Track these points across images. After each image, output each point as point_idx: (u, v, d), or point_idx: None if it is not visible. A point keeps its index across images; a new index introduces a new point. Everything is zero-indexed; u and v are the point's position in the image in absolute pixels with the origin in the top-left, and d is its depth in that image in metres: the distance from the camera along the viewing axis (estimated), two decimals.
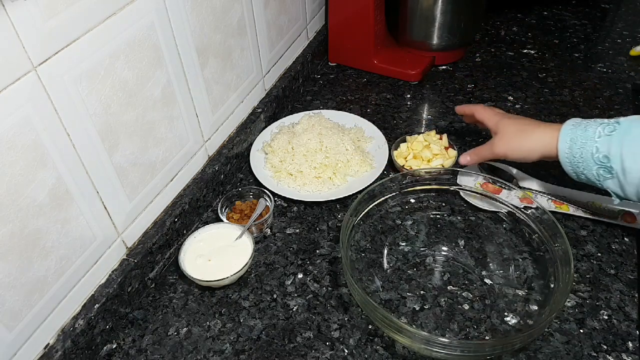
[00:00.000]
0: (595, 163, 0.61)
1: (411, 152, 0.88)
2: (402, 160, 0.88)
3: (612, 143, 0.59)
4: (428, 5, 1.05)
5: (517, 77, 1.10)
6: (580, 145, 0.62)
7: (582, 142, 0.62)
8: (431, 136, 0.90)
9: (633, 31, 1.21)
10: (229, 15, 0.80)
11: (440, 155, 0.86)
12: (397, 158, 0.88)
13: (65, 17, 0.52)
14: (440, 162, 0.86)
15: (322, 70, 1.17)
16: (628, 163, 0.58)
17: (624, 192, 0.61)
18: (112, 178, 0.64)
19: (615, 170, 0.60)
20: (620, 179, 0.60)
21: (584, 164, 0.62)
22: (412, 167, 0.86)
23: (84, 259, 0.62)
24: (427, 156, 0.86)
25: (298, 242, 0.78)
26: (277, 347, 0.65)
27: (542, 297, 0.66)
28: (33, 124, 0.51)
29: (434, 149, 0.86)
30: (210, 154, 0.85)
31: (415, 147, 0.88)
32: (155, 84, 0.67)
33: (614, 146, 0.59)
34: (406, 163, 0.87)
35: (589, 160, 0.62)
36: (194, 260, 0.71)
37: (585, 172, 0.63)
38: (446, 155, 0.87)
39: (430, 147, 0.87)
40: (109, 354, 0.66)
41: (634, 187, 0.60)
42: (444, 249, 0.75)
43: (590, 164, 0.62)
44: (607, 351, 0.62)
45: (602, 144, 0.60)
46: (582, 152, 0.62)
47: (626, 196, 0.62)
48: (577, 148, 0.62)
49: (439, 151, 0.86)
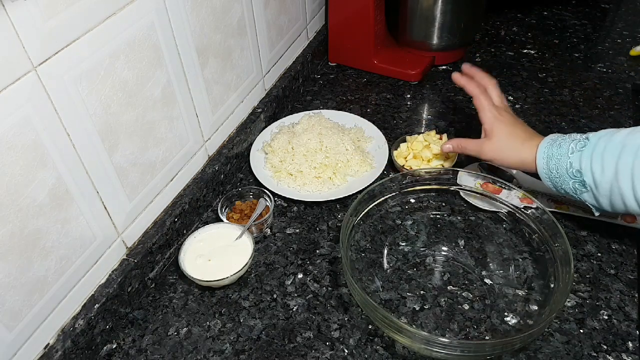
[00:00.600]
0: (571, 177, 0.64)
1: (411, 152, 0.88)
2: (402, 160, 0.88)
3: (583, 158, 0.63)
4: (428, 5, 1.05)
5: (517, 77, 1.10)
6: (556, 161, 0.65)
7: (558, 158, 0.65)
8: (431, 136, 0.90)
9: (633, 31, 1.21)
10: (229, 15, 0.80)
11: (440, 155, 0.86)
12: (397, 158, 0.88)
13: (65, 17, 0.52)
14: (439, 162, 0.86)
15: (322, 70, 1.17)
16: (597, 176, 0.61)
17: (599, 203, 0.64)
18: (112, 178, 0.64)
19: (588, 184, 0.63)
20: (594, 192, 0.63)
21: (560, 178, 0.65)
22: (412, 167, 0.86)
23: (84, 259, 0.62)
24: (427, 156, 0.86)
25: (298, 242, 0.78)
26: (277, 347, 0.65)
27: (542, 297, 0.66)
28: (33, 124, 0.51)
29: (433, 149, 0.86)
30: (210, 154, 0.85)
31: (415, 147, 0.88)
32: (155, 84, 0.67)
33: (585, 161, 0.62)
34: (406, 163, 0.87)
35: (565, 175, 0.65)
36: (194, 260, 0.71)
37: (564, 187, 0.66)
38: (447, 155, 0.87)
39: (430, 147, 0.87)
40: (109, 354, 0.66)
41: (607, 198, 0.62)
42: (444, 249, 0.75)
43: (566, 178, 0.65)
44: (607, 351, 0.62)
45: (574, 159, 0.63)
46: (557, 167, 0.65)
47: (602, 207, 0.65)
48: (553, 164, 0.65)
49: (438, 151, 0.86)
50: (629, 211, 0.62)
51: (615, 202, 0.62)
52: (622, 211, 0.63)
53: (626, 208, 0.61)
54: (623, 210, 0.63)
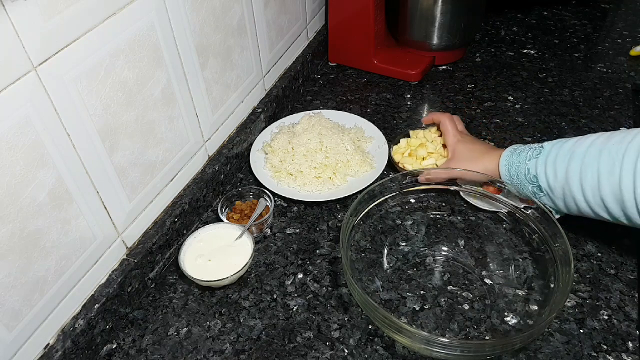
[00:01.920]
0: (529, 182, 0.69)
1: (409, 148, 0.88)
2: (399, 157, 0.88)
3: (538, 164, 0.68)
4: (428, 5, 1.05)
5: (517, 77, 1.10)
6: (516, 167, 0.70)
7: (517, 165, 0.70)
8: (431, 133, 0.88)
9: (633, 31, 1.21)
10: (229, 15, 0.80)
11: (435, 153, 0.85)
12: (395, 154, 0.88)
13: (65, 17, 0.52)
14: (432, 161, 0.84)
15: (322, 70, 1.17)
16: (551, 181, 0.66)
17: (556, 206, 0.68)
18: (112, 178, 0.64)
19: (544, 188, 0.68)
20: (550, 195, 0.68)
21: (521, 184, 0.70)
22: (404, 166, 0.85)
23: (84, 259, 0.62)
24: (421, 154, 0.86)
25: (298, 242, 0.78)
26: (277, 347, 0.65)
27: (542, 297, 0.66)
28: (33, 124, 0.51)
29: (429, 147, 0.86)
30: (210, 154, 0.85)
31: (413, 143, 0.88)
32: (155, 83, 0.67)
33: (539, 167, 0.67)
34: (401, 160, 0.87)
35: (524, 180, 0.70)
36: (194, 260, 0.71)
37: (525, 191, 0.70)
38: (443, 153, 0.85)
39: (425, 146, 0.86)
40: (109, 354, 0.66)
41: (562, 201, 0.67)
42: (444, 249, 0.75)
43: (525, 183, 0.70)
44: (607, 351, 0.62)
45: (531, 165, 0.68)
46: (517, 173, 0.70)
47: (559, 210, 0.69)
48: (514, 170, 0.70)
49: (434, 150, 0.85)
50: (582, 213, 0.66)
51: (569, 204, 0.66)
52: (576, 213, 0.67)
53: (579, 210, 0.65)
54: (577, 212, 0.66)
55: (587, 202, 0.63)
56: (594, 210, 0.64)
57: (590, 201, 0.63)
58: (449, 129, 0.82)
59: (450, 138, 0.81)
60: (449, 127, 0.82)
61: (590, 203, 0.63)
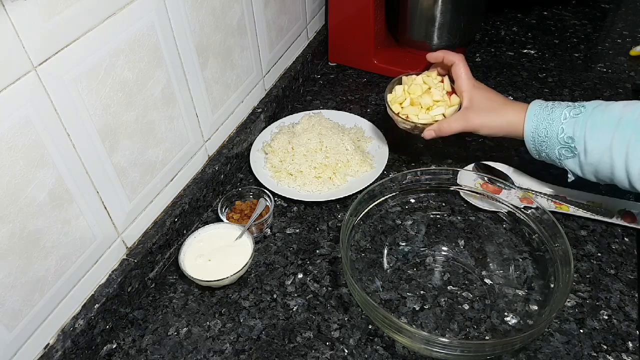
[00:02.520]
0: (559, 143, 0.65)
1: (408, 97, 0.77)
2: (398, 107, 0.78)
3: (577, 125, 0.63)
4: (428, 5, 1.05)
5: (517, 77, 1.10)
6: (546, 125, 0.65)
7: (548, 122, 0.65)
8: (431, 78, 0.78)
9: (633, 31, 1.21)
10: (229, 15, 0.80)
11: (442, 102, 0.75)
12: (392, 104, 0.78)
13: (65, 17, 0.52)
14: (441, 110, 0.75)
15: (322, 70, 1.17)
16: (590, 145, 0.62)
17: (582, 171, 0.65)
18: (112, 178, 0.64)
19: (578, 151, 0.64)
20: (581, 159, 0.64)
21: (547, 143, 0.66)
22: (408, 116, 0.76)
23: (84, 259, 0.62)
24: (426, 103, 0.75)
25: (298, 242, 0.78)
26: (277, 347, 0.65)
27: (542, 297, 0.66)
28: (33, 124, 0.51)
29: (435, 95, 0.75)
30: (210, 154, 0.85)
31: (413, 91, 0.77)
32: (155, 84, 0.67)
33: (579, 128, 0.63)
34: (402, 110, 0.77)
35: (554, 140, 0.65)
36: (194, 260, 0.71)
37: (547, 151, 0.67)
38: (448, 102, 0.76)
39: (430, 93, 0.76)
40: (109, 354, 0.66)
41: (592, 167, 0.63)
42: (444, 249, 0.75)
43: (554, 143, 0.65)
44: (607, 351, 0.62)
45: (567, 125, 0.64)
46: (547, 132, 0.65)
47: (583, 175, 0.66)
48: (543, 128, 0.66)
49: (440, 97, 0.75)
50: (614, 182, 0.63)
51: (602, 172, 0.62)
52: (606, 181, 0.64)
53: (612, 179, 0.62)
54: (608, 180, 0.63)
55: (627, 173, 0.60)
56: (632, 182, 0.60)
57: (632, 172, 0.59)
58: (463, 72, 0.73)
59: (465, 83, 0.72)
60: (463, 70, 0.73)
61: (631, 174, 0.59)
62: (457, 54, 0.75)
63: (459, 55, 0.74)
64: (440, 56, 0.76)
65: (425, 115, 0.76)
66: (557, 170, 0.71)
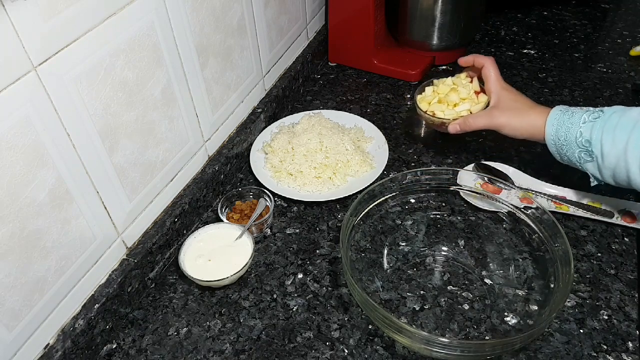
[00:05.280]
0: (578, 146, 0.66)
1: (437, 96, 0.82)
2: (425, 105, 0.82)
3: (595, 129, 0.64)
4: (428, 5, 1.05)
5: (517, 77, 1.10)
6: (566, 129, 0.67)
7: (568, 126, 0.67)
8: (461, 79, 0.83)
9: (633, 31, 1.21)
10: (229, 15, 0.80)
11: (469, 99, 0.79)
12: (420, 102, 0.82)
13: (66, 17, 0.52)
14: (467, 106, 0.79)
15: (322, 70, 1.17)
16: (606, 148, 0.63)
17: (601, 174, 0.66)
18: (112, 178, 0.64)
19: (595, 154, 0.65)
20: (599, 162, 0.65)
21: (567, 146, 0.67)
22: (434, 113, 0.80)
23: (84, 259, 0.62)
24: (453, 100, 0.79)
25: (298, 242, 0.78)
26: (277, 347, 0.65)
27: (542, 297, 0.66)
28: (33, 124, 0.51)
29: (461, 93, 0.79)
30: (210, 154, 0.85)
31: (441, 90, 0.81)
32: (155, 84, 0.67)
33: (596, 132, 0.64)
34: (429, 108, 0.81)
35: (572, 143, 0.66)
36: (194, 260, 0.71)
37: (568, 155, 0.68)
38: (475, 100, 0.80)
39: (457, 91, 0.80)
40: (109, 354, 0.66)
41: (610, 170, 0.64)
42: (444, 249, 0.75)
43: (573, 147, 0.67)
44: (607, 351, 0.62)
45: (585, 129, 0.65)
46: (566, 135, 0.67)
47: (603, 179, 0.67)
48: (563, 132, 0.67)
49: (467, 95, 0.79)
50: (631, 185, 0.63)
51: (619, 175, 0.63)
52: (624, 185, 0.65)
53: (629, 182, 0.63)
54: (625, 184, 0.64)
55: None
56: None
57: None
58: (493, 74, 0.77)
59: (494, 84, 0.77)
60: (492, 72, 0.77)
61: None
62: (487, 57, 0.78)
63: (489, 58, 0.78)
64: (470, 60, 0.80)
65: (451, 111, 0.79)
66: (557, 170, 0.71)
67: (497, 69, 0.78)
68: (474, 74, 0.82)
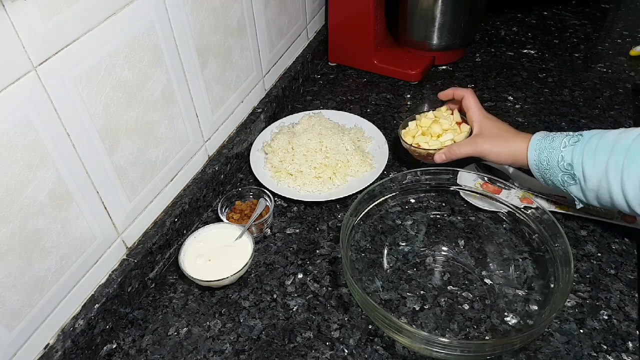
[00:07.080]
0: (561, 170, 0.67)
1: (420, 129, 0.84)
2: (410, 139, 0.83)
3: (575, 152, 0.66)
4: (428, 5, 1.05)
5: (517, 77, 1.10)
6: (548, 154, 0.68)
7: (549, 151, 0.68)
8: (442, 112, 0.85)
9: (633, 31, 1.21)
10: (229, 15, 0.80)
11: (451, 129, 0.81)
12: (405, 136, 0.84)
13: (65, 17, 0.52)
14: (450, 136, 0.81)
15: (322, 70, 1.17)
16: (588, 171, 0.64)
17: (585, 197, 0.67)
18: (112, 178, 0.64)
19: (577, 177, 0.66)
20: (582, 185, 0.66)
21: (550, 170, 0.69)
22: (419, 145, 0.81)
23: (84, 259, 0.62)
24: (436, 131, 0.81)
25: (298, 242, 0.78)
26: (277, 347, 0.65)
27: (542, 297, 0.66)
28: (33, 124, 0.51)
29: (443, 124, 0.82)
30: (210, 154, 0.85)
31: (424, 123, 0.83)
32: (155, 84, 0.67)
33: (577, 155, 0.66)
34: (414, 140, 0.83)
35: (555, 167, 0.68)
36: (194, 260, 0.71)
37: (552, 179, 0.69)
38: (458, 130, 0.82)
39: (439, 122, 0.82)
40: (109, 354, 0.66)
41: (593, 192, 0.65)
42: (444, 249, 0.75)
43: (556, 171, 0.68)
44: (607, 351, 0.62)
45: (566, 153, 0.67)
46: (548, 160, 0.68)
47: (587, 201, 0.68)
48: (545, 156, 0.69)
49: (449, 126, 0.82)
50: (615, 206, 0.64)
51: (602, 196, 0.65)
52: (608, 206, 0.66)
53: (612, 203, 0.64)
54: (609, 205, 0.65)
55: (624, 196, 0.62)
56: (631, 205, 0.62)
57: (629, 195, 0.61)
58: (473, 104, 0.79)
59: (476, 113, 0.78)
60: (472, 102, 0.79)
61: (628, 197, 0.61)
62: (465, 89, 0.80)
63: (467, 90, 0.80)
64: (450, 93, 0.82)
65: (435, 141, 0.81)
66: None
67: (477, 99, 0.79)
68: (454, 106, 0.84)
